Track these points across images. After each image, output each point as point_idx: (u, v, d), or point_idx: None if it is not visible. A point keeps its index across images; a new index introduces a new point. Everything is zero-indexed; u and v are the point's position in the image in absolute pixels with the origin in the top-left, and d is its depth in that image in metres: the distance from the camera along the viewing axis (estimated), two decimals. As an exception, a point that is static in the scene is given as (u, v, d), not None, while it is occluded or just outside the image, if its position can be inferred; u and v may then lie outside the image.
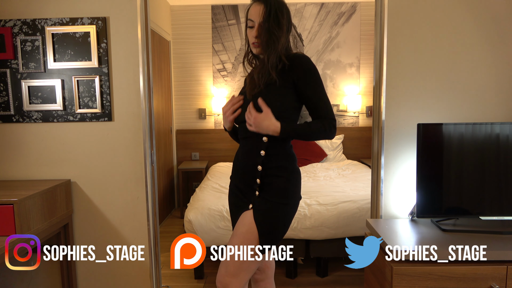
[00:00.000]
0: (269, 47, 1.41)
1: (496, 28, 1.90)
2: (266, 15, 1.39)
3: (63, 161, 2.12)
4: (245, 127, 1.48)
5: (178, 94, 4.61)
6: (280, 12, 1.41)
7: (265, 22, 1.40)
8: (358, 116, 4.62)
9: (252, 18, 1.43)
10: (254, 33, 1.43)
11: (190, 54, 4.54)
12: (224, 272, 1.45)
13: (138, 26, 2.00)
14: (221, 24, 4.48)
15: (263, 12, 1.40)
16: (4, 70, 2.07)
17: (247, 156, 1.49)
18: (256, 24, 1.42)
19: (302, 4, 4.43)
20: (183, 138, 4.63)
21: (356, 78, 4.56)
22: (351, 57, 4.53)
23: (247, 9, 1.47)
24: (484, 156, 1.74)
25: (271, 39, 1.40)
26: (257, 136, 1.45)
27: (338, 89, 4.59)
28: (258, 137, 1.45)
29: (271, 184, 1.46)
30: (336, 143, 4.51)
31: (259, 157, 1.45)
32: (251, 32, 1.45)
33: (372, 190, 2.06)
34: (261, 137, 1.44)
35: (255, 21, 1.42)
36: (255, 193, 1.48)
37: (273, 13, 1.40)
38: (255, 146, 1.46)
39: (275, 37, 1.40)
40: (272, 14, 1.40)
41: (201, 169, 4.26)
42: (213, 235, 2.56)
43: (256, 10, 1.42)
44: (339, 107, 4.62)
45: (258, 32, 1.42)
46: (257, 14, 1.41)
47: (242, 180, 1.52)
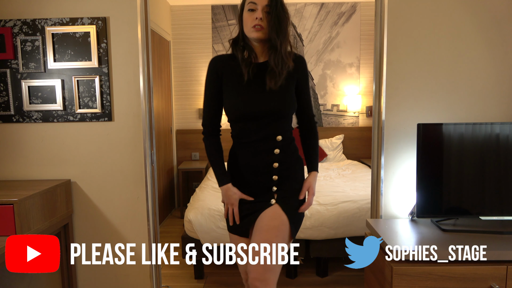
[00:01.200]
0: (279, 34, 1.38)
1: (496, 28, 1.90)
2: (273, 0, 1.37)
3: (63, 161, 2.12)
4: (255, 129, 1.44)
5: (178, 94, 4.61)
6: (282, 0, 1.41)
7: (273, 6, 1.37)
8: (358, 116, 4.62)
9: (255, 1, 1.38)
10: (259, 14, 1.37)
11: (190, 54, 4.54)
12: (263, 269, 1.39)
13: (138, 26, 2.00)
14: (221, 24, 4.48)
15: None
16: (4, 70, 2.07)
17: (260, 158, 1.46)
18: (260, 6, 1.37)
19: (302, 4, 4.43)
20: (183, 138, 4.63)
21: (356, 78, 4.56)
22: (351, 57, 4.53)
23: None
24: (484, 156, 1.74)
25: (281, 25, 1.37)
26: (271, 137, 1.44)
27: (338, 89, 4.59)
28: (272, 138, 1.44)
29: (289, 176, 1.48)
30: (336, 143, 4.51)
31: (274, 156, 1.45)
32: (253, 14, 1.38)
33: (372, 190, 2.06)
34: (275, 137, 1.44)
35: (259, 3, 1.37)
36: (272, 189, 1.48)
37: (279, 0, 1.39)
38: (268, 147, 1.45)
39: (284, 23, 1.38)
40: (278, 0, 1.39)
41: (201, 169, 4.26)
42: (213, 235, 2.56)
43: None
44: (339, 107, 4.62)
45: (263, 15, 1.37)
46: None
47: (257, 183, 1.48)
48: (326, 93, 4.58)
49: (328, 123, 4.63)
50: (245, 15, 1.41)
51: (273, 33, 1.38)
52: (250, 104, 1.42)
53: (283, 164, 1.46)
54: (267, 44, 1.42)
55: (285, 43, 1.40)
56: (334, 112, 4.62)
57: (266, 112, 1.42)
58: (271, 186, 1.48)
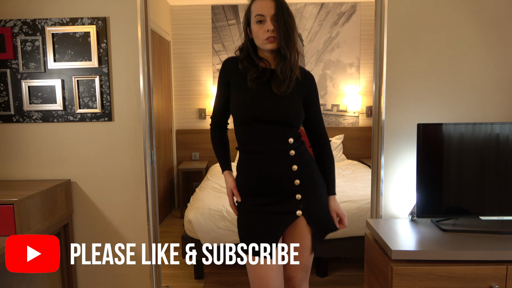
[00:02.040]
0: (288, 43, 1.38)
1: (496, 28, 1.90)
2: (279, 8, 1.37)
3: (63, 161, 2.12)
4: (263, 133, 1.41)
5: (178, 94, 4.61)
6: (287, 6, 1.41)
7: (280, 14, 1.36)
8: (358, 116, 4.62)
9: (263, 13, 1.37)
10: (269, 26, 1.36)
11: (190, 54, 4.54)
12: (305, 276, 1.56)
13: (138, 26, 2.00)
14: (221, 24, 4.48)
15: (275, 6, 1.37)
16: (4, 70, 2.07)
17: (275, 162, 1.41)
18: (268, 17, 1.36)
19: (302, 4, 4.43)
20: (183, 138, 4.63)
21: (356, 78, 4.56)
22: (351, 57, 4.53)
23: (248, 6, 1.44)
24: (484, 156, 1.74)
25: (289, 33, 1.37)
26: (282, 139, 1.41)
27: (338, 89, 4.59)
28: (284, 140, 1.42)
29: (312, 180, 1.46)
30: (336, 143, 4.51)
31: (290, 158, 1.42)
32: (263, 26, 1.38)
33: (372, 190, 2.06)
34: (287, 139, 1.42)
35: (266, 15, 1.37)
36: (295, 197, 1.42)
37: (284, 5, 1.39)
38: (282, 150, 1.42)
39: (292, 31, 1.38)
40: (284, 6, 1.38)
41: (201, 169, 4.26)
42: (213, 235, 2.55)
43: (266, 4, 1.37)
44: (339, 107, 4.62)
45: (273, 25, 1.36)
46: (268, 7, 1.37)
47: (276, 191, 1.42)
48: (326, 93, 4.58)
49: (328, 123, 4.63)
50: (255, 27, 1.41)
51: (283, 42, 1.38)
52: (257, 107, 1.41)
53: (300, 166, 1.42)
54: (277, 52, 1.43)
55: (294, 51, 1.40)
56: (334, 112, 4.62)
57: (273, 115, 1.40)
58: (294, 193, 1.43)
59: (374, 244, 1.68)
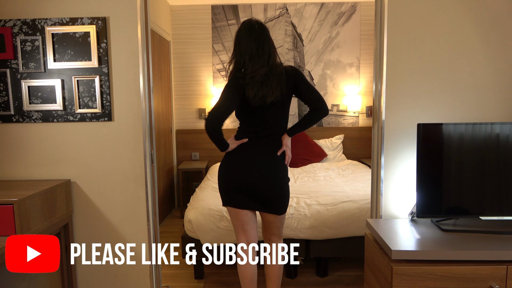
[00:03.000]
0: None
1: (495, 28, 1.90)
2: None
3: (63, 161, 2.12)
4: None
5: (178, 94, 4.61)
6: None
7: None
8: (358, 116, 4.62)
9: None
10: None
11: (190, 54, 4.54)
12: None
13: (138, 26, 2.00)
14: (221, 24, 4.48)
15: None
16: (4, 70, 2.07)
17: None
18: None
19: (302, 4, 4.43)
20: (183, 138, 4.63)
21: (356, 78, 4.56)
22: (351, 57, 4.53)
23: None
24: (484, 156, 1.74)
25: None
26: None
27: (338, 89, 4.59)
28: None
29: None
30: (336, 143, 4.51)
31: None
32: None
33: (372, 190, 2.06)
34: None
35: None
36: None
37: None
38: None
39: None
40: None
41: (201, 169, 4.26)
42: (213, 235, 2.55)
43: None
44: (339, 107, 4.62)
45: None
46: None
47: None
48: (326, 93, 4.58)
49: (328, 123, 4.63)
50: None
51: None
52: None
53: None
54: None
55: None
56: (334, 112, 4.62)
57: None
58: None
59: (374, 244, 1.68)
